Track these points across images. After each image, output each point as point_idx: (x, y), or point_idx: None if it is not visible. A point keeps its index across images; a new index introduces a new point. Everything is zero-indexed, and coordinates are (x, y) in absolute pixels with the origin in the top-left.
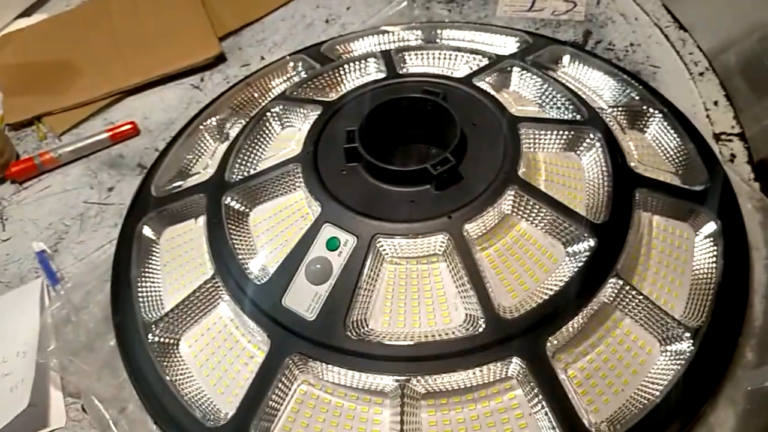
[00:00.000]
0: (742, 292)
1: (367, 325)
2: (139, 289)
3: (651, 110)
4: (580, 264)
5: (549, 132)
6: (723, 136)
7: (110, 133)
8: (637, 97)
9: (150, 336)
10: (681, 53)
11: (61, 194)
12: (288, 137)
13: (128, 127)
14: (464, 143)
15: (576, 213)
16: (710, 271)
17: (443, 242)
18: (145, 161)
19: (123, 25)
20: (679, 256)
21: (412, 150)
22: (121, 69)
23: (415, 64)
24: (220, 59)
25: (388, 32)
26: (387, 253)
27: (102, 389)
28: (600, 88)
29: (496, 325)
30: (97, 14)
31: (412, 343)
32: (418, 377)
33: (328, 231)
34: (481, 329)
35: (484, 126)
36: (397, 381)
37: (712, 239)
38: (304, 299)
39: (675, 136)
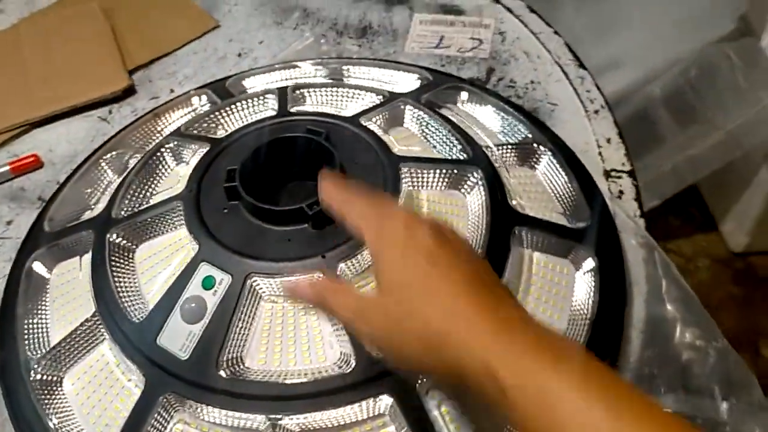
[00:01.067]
0: (616, 326)
1: (244, 364)
2: (25, 326)
3: (542, 148)
4: None
5: (431, 171)
6: (613, 173)
7: (11, 166)
8: (529, 135)
9: (32, 374)
10: (578, 91)
11: None
12: (182, 173)
13: (30, 159)
14: None
15: None
16: (587, 306)
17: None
18: (46, 194)
19: (32, 56)
20: (558, 291)
21: (300, 188)
22: (27, 100)
23: (310, 102)
24: (129, 92)
25: (294, 67)
26: (264, 292)
27: None
28: (494, 126)
29: (368, 363)
30: (8, 45)
31: (284, 381)
32: (290, 416)
33: (204, 270)
34: (352, 367)
35: (366, 165)
36: (269, 420)
37: (591, 275)
38: (179, 338)
39: (562, 173)
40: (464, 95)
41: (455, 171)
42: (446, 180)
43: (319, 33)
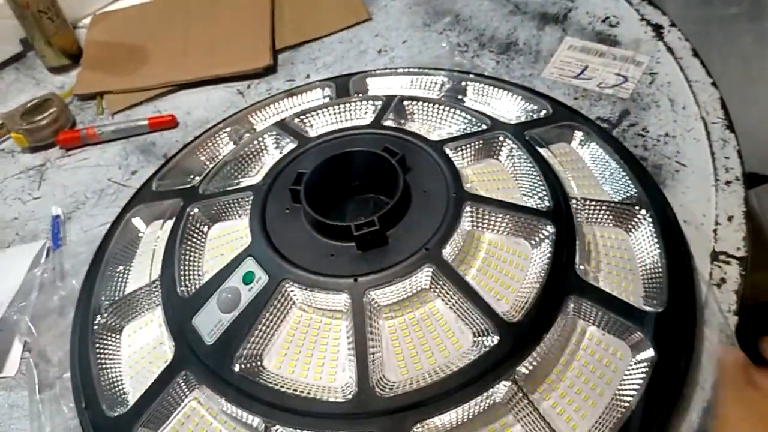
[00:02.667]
0: (653, 430)
1: (261, 362)
2: (109, 272)
3: (643, 212)
4: (475, 359)
5: (499, 215)
6: (722, 257)
7: (149, 121)
8: (635, 195)
9: (98, 317)
10: (716, 155)
11: (94, 167)
12: (269, 164)
13: (167, 118)
14: (402, 209)
15: (488, 306)
16: (630, 399)
17: (346, 302)
18: (171, 153)
19: (196, 22)
20: (603, 374)
21: (372, 200)
22: (182, 63)
23: (412, 115)
24: (270, 71)
25: (419, 74)
26: (298, 299)
27: (51, 353)
28: (601, 176)
29: (365, 397)
30: (179, 8)
31: (285, 390)
32: (279, 427)
33: (248, 264)
34: (349, 397)
35: (433, 196)
36: (264, 423)
37: (645, 366)
38: (210, 324)
39: (656, 246)
40: (579, 136)
41: (526, 220)
42: (514, 227)
43: (462, 42)
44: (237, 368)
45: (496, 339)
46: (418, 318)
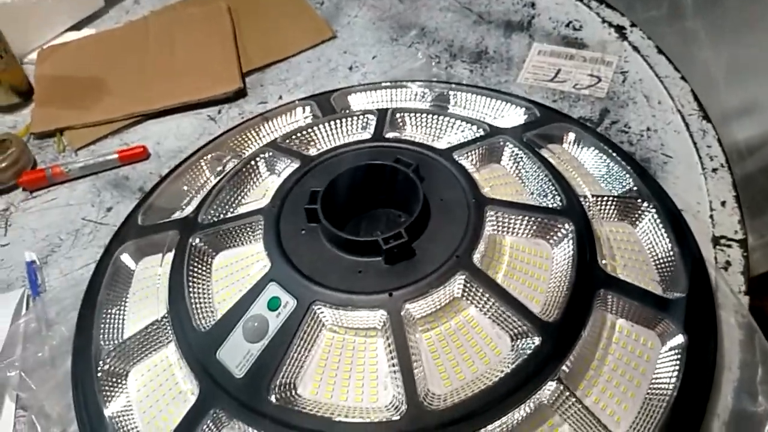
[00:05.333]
0: (696, 414)
1: (296, 390)
2: (104, 315)
3: (646, 204)
4: (519, 362)
5: (519, 217)
6: (723, 241)
7: (119, 155)
8: (635, 188)
9: (101, 364)
10: (698, 145)
11: (64, 208)
12: (270, 187)
13: (138, 150)
14: (425, 219)
15: (525, 308)
16: (667, 387)
17: (382, 318)
18: (147, 186)
19: (157, 50)
20: (638, 365)
21: (383, 215)
22: (145, 93)
23: (408, 128)
24: (240, 94)
25: (401, 87)
26: (327, 320)
27: (49, 408)
28: (598, 173)
29: (416, 413)
30: (137, 36)
31: (330, 417)
32: None
33: (272, 290)
34: (399, 416)
35: (451, 204)
36: None
37: (677, 352)
38: (237, 355)
39: (664, 235)
40: (571, 136)
41: (545, 220)
42: (534, 228)
43: (433, 53)
44: (273, 399)
45: (537, 340)
46: (454, 328)
